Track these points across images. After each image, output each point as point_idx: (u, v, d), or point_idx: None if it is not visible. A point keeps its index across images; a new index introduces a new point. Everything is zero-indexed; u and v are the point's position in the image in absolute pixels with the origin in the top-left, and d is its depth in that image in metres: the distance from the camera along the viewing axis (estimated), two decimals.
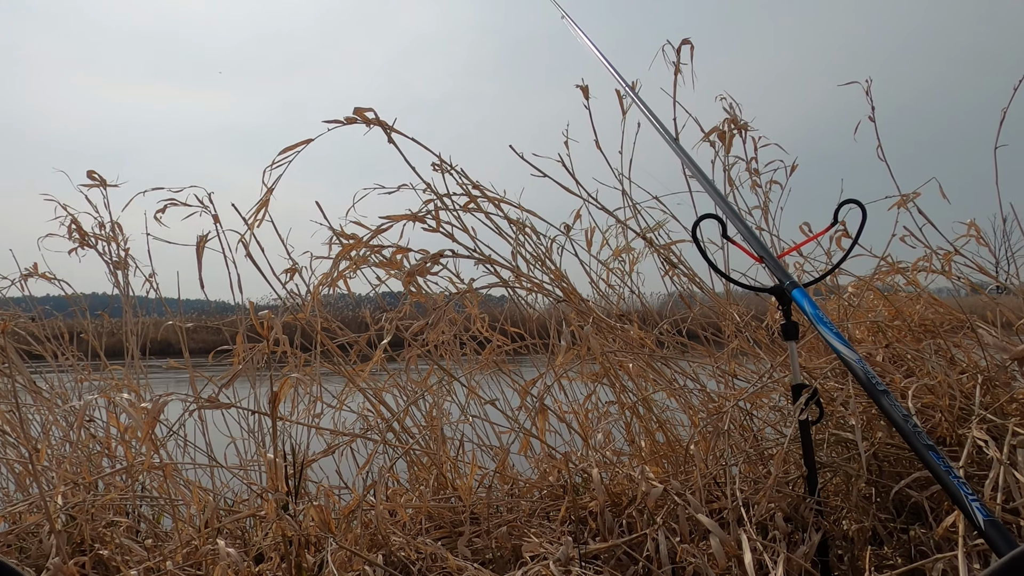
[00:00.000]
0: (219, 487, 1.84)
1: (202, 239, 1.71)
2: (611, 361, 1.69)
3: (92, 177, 1.95)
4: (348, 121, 1.60)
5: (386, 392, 1.81)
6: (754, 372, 1.83)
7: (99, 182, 1.95)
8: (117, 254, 2.01)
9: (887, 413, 1.07)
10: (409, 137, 1.69)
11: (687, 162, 1.66)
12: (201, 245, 1.71)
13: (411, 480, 1.79)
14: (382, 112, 1.66)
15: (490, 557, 1.47)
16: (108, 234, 2.00)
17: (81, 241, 1.98)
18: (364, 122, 1.63)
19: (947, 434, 1.52)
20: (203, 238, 1.72)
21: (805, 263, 1.98)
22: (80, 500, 1.54)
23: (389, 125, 1.65)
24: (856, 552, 1.38)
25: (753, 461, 1.59)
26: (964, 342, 1.72)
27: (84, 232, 1.98)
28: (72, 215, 1.96)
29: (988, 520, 0.90)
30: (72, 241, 1.97)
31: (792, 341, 1.32)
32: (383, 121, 1.64)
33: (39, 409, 1.93)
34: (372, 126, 1.64)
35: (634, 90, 1.79)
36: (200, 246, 1.71)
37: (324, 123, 1.59)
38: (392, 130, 1.65)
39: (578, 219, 1.94)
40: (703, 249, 1.41)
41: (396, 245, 1.64)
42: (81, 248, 1.99)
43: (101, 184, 1.96)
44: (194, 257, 1.71)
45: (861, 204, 1.37)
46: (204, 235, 1.73)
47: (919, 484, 1.38)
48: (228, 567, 1.25)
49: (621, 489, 1.55)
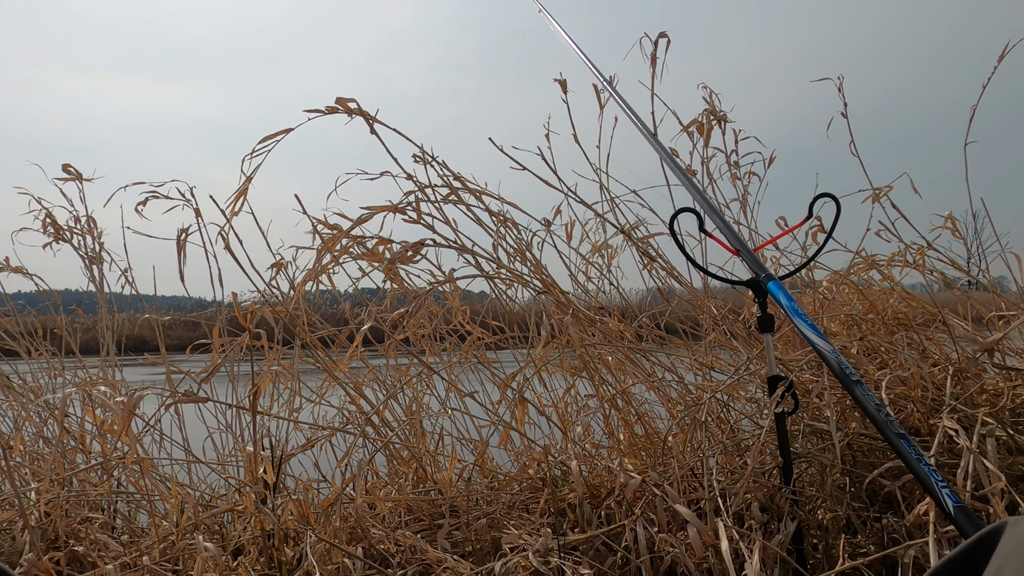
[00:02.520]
0: (196, 482, 1.83)
1: (183, 232, 1.70)
2: (590, 354, 1.70)
3: (67, 171, 1.92)
4: (329, 110, 1.59)
5: (366, 386, 1.81)
6: (731, 364, 1.85)
7: (75, 176, 1.93)
8: (92, 248, 1.98)
9: (860, 403, 1.09)
10: (391, 128, 1.67)
11: (664, 156, 1.67)
12: (182, 239, 1.69)
13: (390, 473, 1.78)
14: (362, 105, 1.65)
15: (470, 549, 1.48)
16: (83, 228, 1.97)
17: (56, 235, 1.95)
18: (346, 112, 1.62)
19: (919, 424, 1.55)
20: (184, 231, 1.70)
21: (781, 256, 2.00)
22: (55, 496, 1.52)
23: (371, 115, 1.63)
24: (830, 540, 1.40)
25: (730, 452, 1.61)
26: (936, 335, 1.75)
27: (59, 226, 1.95)
28: (47, 209, 1.93)
29: (957, 506, 0.92)
30: (47, 235, 1.94)
31: (768, 333, 1.34)
32: (364, 111, 1.62)
33: (11, 405, 1.90)
34: (353, 116, 1.62)
35: (612, 84, 1.80)
36: (181, 240, 1.69)
37: (305, 112, 1.57)
38: (374, 120, 1.64)
39: (558, 214, 1.95)
40: (680, 243, 1.42)
41: (379, 236, 1.64)
42: (56, 242, 1.96)
43: (77, 178, 1.93)
44: (170, 252, 1.70)
45: (835, 198, 1.39)
46: (185, 228, 1.71)
47: (892, 474, 1.41)
48: (206, 561, 1.24)
49: (600, 481, 1.56)
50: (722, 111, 1.94)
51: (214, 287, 1.79)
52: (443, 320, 1.83)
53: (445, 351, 1.92)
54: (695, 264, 1.54)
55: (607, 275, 2.02)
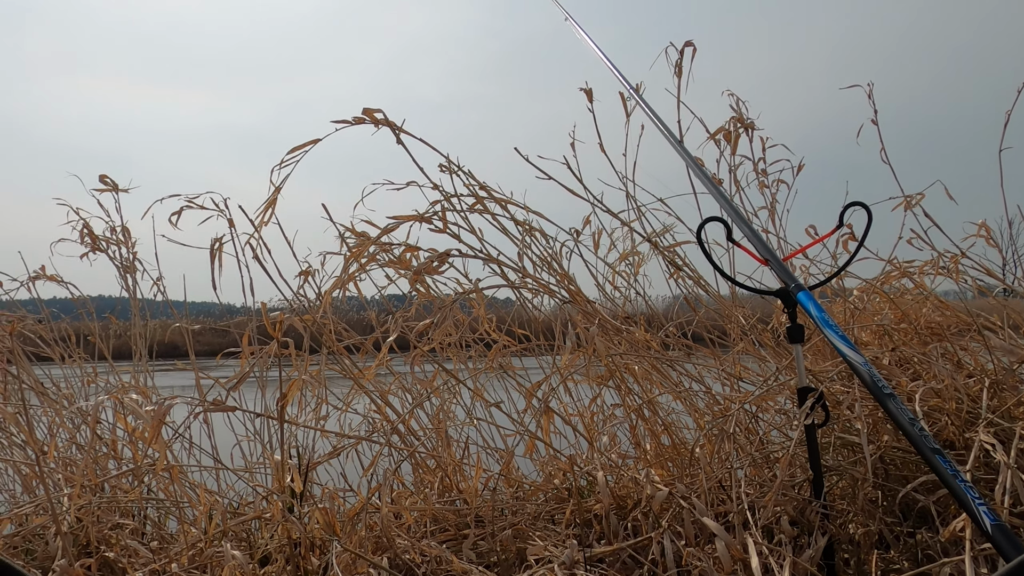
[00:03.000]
0: (224, 489, 1.85)
1: (217, 241, 1.73)
2: (616, 363, 1.69)
3: (104, 181, 1.96)
4: (356, 121, 1.61)
5: (392, 395, 1.82)
6: (759, 375, 1.83)
7: (111, 186, 1.96)
8: (126, 257, 2.02)
9: (893, 417, 1.07)
10: (417, 138, 1.69)
11: (691, 165, 1.66)
12: (217, 248, 1.72)
13: (416, 483, 1.79)
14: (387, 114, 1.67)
15: (495, 560, 1.47)
16: (119, 238, 2.01)
17: (93, 245, 1.99)
18: (372, 122, 1.64)
19: (954, 438, 1.51)
20: (218, 240, 1.73)
21: (811, 265, 1.97)
22: (86, 502, 1.54)
23: (397, 126, 1.65)
24: (862, 556, 1.37)
25: (759, 464, 1.59)
26: (971, 345, 1.71)
27: (95, 236, 1.99)
28: (84, 220, 1.97)
29: (995, 524, 0.89)
30: (84, 245, 1.98)
31: (798, 344, 1.32)
32: (391, 122, 1.64)
33: (46, 411, 1.94)
34: (380, 127, 1.64)
35: (638, 92, 1.79)
36: (215, 249, 1.72)
37: (332, 123, 1.59)
38: (400, 130, 1.65)
39: (587, 224, 1.95)
40: (707, 252, 1.41)
41: (405, 243, 1.65)
42: (93, 252, 2.00)
43: (113, 188, 1.97)
44: (200, 260, 1.73)
45: (867, 206, 1.37)
46: (219, 237, 1.74)
47: (926, 488, 1.38)
48: (234, 569, 1.25)
49: (626, 492, 1.55)
50: (749, 118, 1.92)
51: (245, 295, 1.82)
52: (469, 328, 1.83)
53: (471, 358, 1.93)
54: (723, 274, 1.52)
55: (633, 284, 2.00)
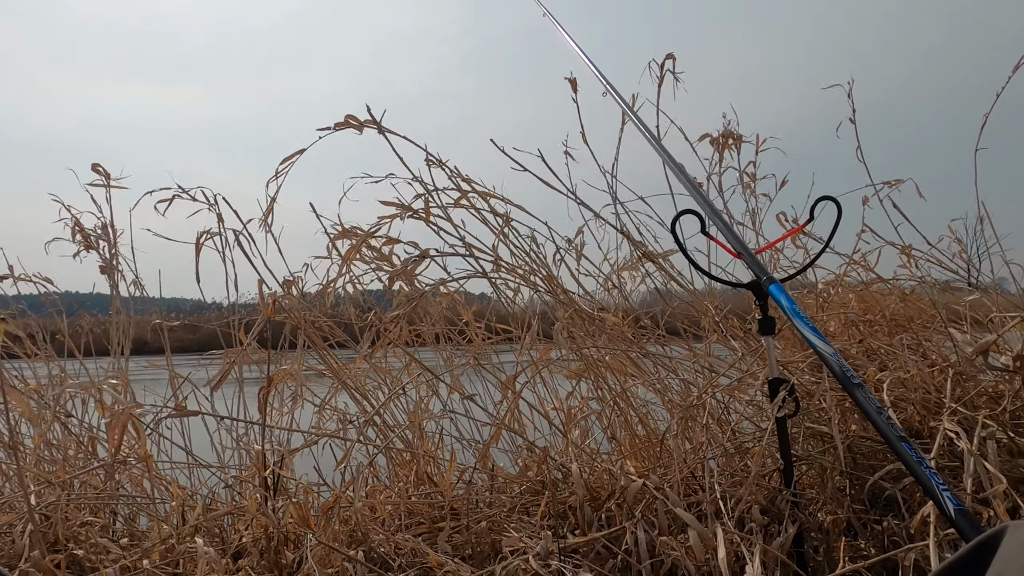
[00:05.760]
0: (196, 485, 1.83)
1: (203, 234, 1.71)
2: (591, 358, 1.70)
3: (96, 170, 1.89)
4: (339, 127, 1.65)
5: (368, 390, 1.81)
6: (732, 366, 1.85)
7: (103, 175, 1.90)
8: (109, 253, 1.97)
9: (861, 406, 1.09)
10: (401, 136, 1.73)
11: (667, 160, 1.67)
12: (201, 243, 1.71)
13: (391, 476, 1.78)
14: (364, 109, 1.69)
15: (470, 552, 1.47)
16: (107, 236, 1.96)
17: (85, 244, 1.93)
18: (356, 126, 1.67)
19: (920, 426, 1.54)
20: (205, 233, 1.72)
21: (783, 257, 2.01)
22: (55, 499, 1.52)
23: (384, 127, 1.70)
24: (831, 543, 1.40)
25: (731, 455, 1.61)
26: (935, 337, 1.75)
27: (87, 235, 1.93)
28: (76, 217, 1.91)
29: (958, 509, 0.92)
30: (77, 244, 1.92)
31: (769, 336, 1.34)
32: (377, 122, 1.69)
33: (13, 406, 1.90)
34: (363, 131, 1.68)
35: (614, 88, 1.80)
36: (200, 242, 1.71)
37: (317, 131, 1.63)
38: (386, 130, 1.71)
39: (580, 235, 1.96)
40: (682, 245, 1.42)
41: (387, 236, 1.67)
42: (86, 251, 1.94)
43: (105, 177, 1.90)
44: (176, 255, 1.72)
45: (836, 201, 1.39)
46: (206, 230, 1.73)
47: (892, 476, 1.41)
48: (207, 564, 1.24)
49: (600, 484, 1.56)
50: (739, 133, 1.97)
51: (228, 291, 1.81)
52: (448, 321, 1.85)
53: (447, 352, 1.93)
54: (696, 267, 1.54)
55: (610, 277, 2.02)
